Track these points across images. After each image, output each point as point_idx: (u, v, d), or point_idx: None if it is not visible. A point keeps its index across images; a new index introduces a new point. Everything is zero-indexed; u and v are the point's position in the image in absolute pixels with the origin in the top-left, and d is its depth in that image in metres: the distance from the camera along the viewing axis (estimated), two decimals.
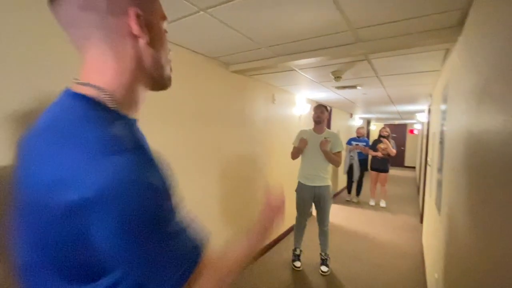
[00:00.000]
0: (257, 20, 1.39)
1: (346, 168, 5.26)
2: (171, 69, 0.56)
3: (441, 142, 2.08)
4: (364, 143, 5.09)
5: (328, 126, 4.82)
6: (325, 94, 3.76)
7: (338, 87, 3.18)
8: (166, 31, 0.53)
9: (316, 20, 1.38)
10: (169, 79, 0.56)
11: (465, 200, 1.17)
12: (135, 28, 0.45)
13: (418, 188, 6.05)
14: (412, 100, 4.15)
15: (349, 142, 5.15)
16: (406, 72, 2.39)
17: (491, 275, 0.73)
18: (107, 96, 0.44)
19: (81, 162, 0.36)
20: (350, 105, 5.00)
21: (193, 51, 1.93)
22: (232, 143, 2.45)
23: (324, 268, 2.64)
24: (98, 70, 0.45)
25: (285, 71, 2.44)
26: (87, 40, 0.44)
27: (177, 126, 1.87)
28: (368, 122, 9.43)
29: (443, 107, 2.06)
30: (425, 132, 4.69)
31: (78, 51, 0.46)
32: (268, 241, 1.61)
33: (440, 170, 2.03)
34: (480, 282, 0.82)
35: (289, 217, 3.65)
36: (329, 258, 2.72)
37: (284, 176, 3.50)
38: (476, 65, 1.05)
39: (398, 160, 11.18)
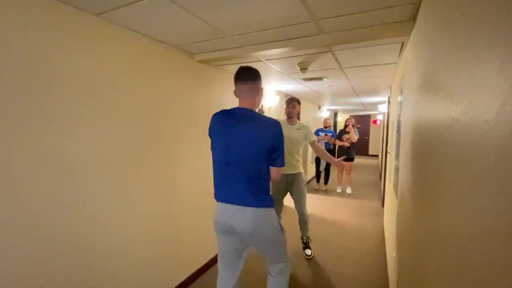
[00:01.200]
0: (218, 7, 1.35)
1: (314, 159, 5.51)
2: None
3: (398, 131, 2.23)
4: (331, 134, 5.30)
5: (298, 118, 4.93)
6: (293, 86, 3.81)
7: (305, 79, 3.24)
8: None
9: (278, 10, 1.37)
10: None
11: (413, 183, 1.27)
12: (262, 92, 1.50)
13: (380, 175, 6.49)
14: (374, 92, 4.38)
15: (316, 133, 5.33)
16: (367, 64, 2.51)
17: (431, 250, 0.80)
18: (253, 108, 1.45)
19: (270, 122, 1.40)
20: (317, 97, 5.14)
21: (154, 38, 1.83)
22: (198, 136, 2.39)
23: (308, 252, 2.78)
24: (248, 102, 1.44)
25: (252, 61, 2.42)
26: (248, 97, 1.44)
27: (139, 120, 1.78)
28: (335, 113, 9.82)
29: (399, 98, 2.20)
30: (385, 122, 5.01)
31: (243, 101, 1.44)
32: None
33: (397, 156, 2.18)
34: (423, 257, 0.91)
35: None
36: (311, 240, 2.87)
37: None
38: (424, 58, 1.12)
39: (362, 149, 11.88)
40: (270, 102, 3.88)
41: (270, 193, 1.42)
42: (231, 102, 2.92)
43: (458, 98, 0.63)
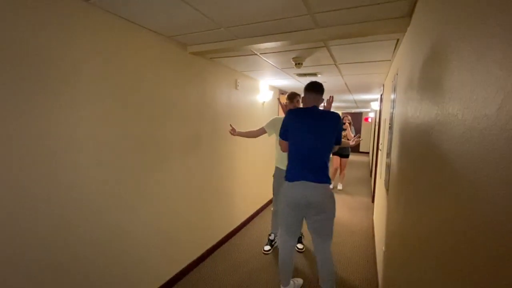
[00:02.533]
0: None
1: None
2: None
3: (390, 128, 2.24)
4: None
5: None
6: (288, 82, 3.80)
7: (300, 75, 3.23)
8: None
9: (275, 1, 1.35)
10: None
11: (403, 180, 1.28)
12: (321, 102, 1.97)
13: (370, 172, 6.58)
14: (367, 89, 4.41)
15: None
16: (361, 61, 2.51)
17: (418, 246, 0.81)
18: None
19: (332, 114, 1.86)
20: None
21: (146, 28, 1.78)
22: (193, 129, 2.36)
23: (299, 245, 2.84)
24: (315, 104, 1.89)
25: (247, 55, 2.39)
26: (316, 101, 1.88)
27: (132, 112, 1.73)
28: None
29: (392, 95, 2.21)
30: (377, 120, 5.05)
31: (309, 104, 1.87)
32: None
33: (388, 154, 2.20)
34: (411, 252, 0.92)
35: (256, 200, 3.71)
36: (303, 235, 2.92)
37: (251, 162, 3.51)
38: (420, 54, 1.12)
39: (354, 147, 11.99)
40: (264, 97, 3.85)
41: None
42: (226, 95, 2.89)
43: (456, 94, 0.63)
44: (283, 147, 1.94)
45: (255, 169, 3.71)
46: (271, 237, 2.87)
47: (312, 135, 1.76)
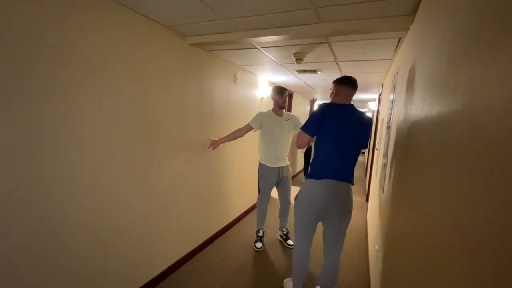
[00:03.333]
0: None
1: (304, 151, 5.55)
2: None
3: (388, 128, 2.24)
4: None
5: (289, 111, 4.91)
6: (287, 78, 3.78)
7: (299, 71, 3.21)
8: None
9: None
10: None
11: (399, 179, 1.28)
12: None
13: (365, 171, 6.62)
14: (366, 88, 4.40)
15: None
16: (362, 59, 2.50)
17: (416, 245, 0.81)
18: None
19: (368, 117, 1.81)
20: (310, 90, 5.13)
21: (144, 15, 1.73)
22: (188, 123, 2.33)
23: (290, 242, 2.83)
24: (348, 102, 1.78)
25: (247, 48, 2.36)
26: (351, 99, 1.78)
27: (127, 104, 1.70)
28: None
29: (391, 96, 2.21)
30: (374, 120, 5.06)
31: (347, 101, 1.76)
32: None
33: (385, 154, 2.20)
34: (408, 251, 0.92)
35: (247, 199, 3.71)
36: (289, 231, 2.92)
37: (245, 157, 3.50)
38: (424, 51, 1.11)
39: None
40: (263, 93, 3.83)
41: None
42: (225, 89, 2.86)
43: (459, 93, 0.62)
44: (303, 142, 1.75)
45: (248, 165, 3.70)
46: (260, 234, 2.84)
47: (351, 133, 1.68)
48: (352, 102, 1.84)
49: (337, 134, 1.68)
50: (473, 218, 0.48)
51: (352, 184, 1.74)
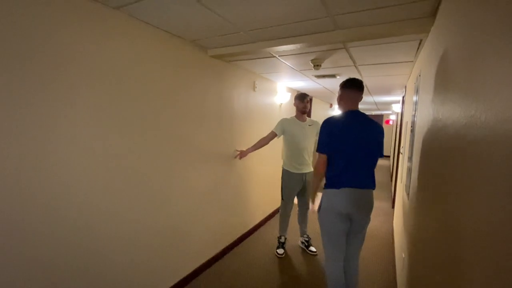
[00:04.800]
0: (235, 2, 1.35)
1: None
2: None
3: (412, 131, 2.18)
4: None
5: (309, 115, 4.89)
6: (305, 83, 3.78)
7: (318, 76, 3.20)
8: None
9: (295, 4, 1.36)
10: None
11: (427, 185, 1.24)
12: None
13: (391, 176, 6.37)
14: (388, 91, 4.29)
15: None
16: (382, 62, 2.46)
17: (445, 256, 0.79)
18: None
19: (377, 124, 1.75)
20: (329, 95, 5.08)
21: (169, 32, 1.85)
22: (211, 131, 2.41)
23: (313, 248, 2.80)
24: (357, 106, 1.76)
25: (265, 57, 2.42)
26: (358, 102, 1.76)
27: (152, 115, 1.80)
28: None
29: (414, 98, 2.15)
30: (398, 122, 4.90)
31: (353, 105, 1.75)
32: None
33: (410, 158, 2.13)
34: (436, 261, 0.89)
35: (269, 204, 3.72)
36: (311, 238, 2.90)
37: (266, 163, 3.53)
38: (443, 55, 1.09)
39: None
40: (282, 99, 3.86)
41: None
42: (243, 98, 2.93)
43: (480, 95, 0.61)
44: (323, 166, 1.72)
45: (271, 171, 3.72)
46: (282, 240, 2.83)
47: (369, 140, 1.68)
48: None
49: (352, 144, 1.65)
50: (505, 223, 0.48)
51: (374, 189, 1.72)
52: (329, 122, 1.73)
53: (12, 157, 1.13)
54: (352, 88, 1.72)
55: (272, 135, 2.70)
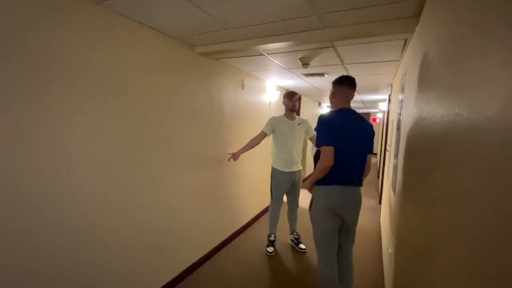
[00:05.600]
0: None
1: (313, 153, 5.53)
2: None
3: (398, 129, 2.23)
4: None
5: (298, 114, 4.92)
6: (294, 81, 3.79)
7: (306, 75, 3.22)
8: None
9: (282, 2, 1.35)
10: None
11: (410, 182, 1.27)
12: None
13: (378, 173, 6.51)
14: (375, 89, 4.37)
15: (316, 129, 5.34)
16: (369, 61, 2.49)
17: (429, 248, 0.81)
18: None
19: (369, 123, 1.80)
20: (318, 93, 5.12)
21: (154, 29, 1.80)
22: (199, 130, 2.38)
23: (302, 246, 2.82)
24: (349, 104, 1.79)
25: (254, 55, 2.40)
26: (350, 100, 1.79)
27: (139, 113, 1.76)
28: None
29: (400, 96, 2.19)
30: (385, 120, 5.00)
31: (346, 103, 1.77)
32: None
33: (396, 155, 2.18)
34: (421, 256, 0.91)
35: (258, 203, 3.72)
36: (300, 236, 2.91)
37: (255, 162, 3.52)
38: (427, 54, 1.11)
39: None
40: (271, 97, 3.86)
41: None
42: (232, 96, 2.90)
43: (462, 94, 0.62)
44: (330, 158, 1.62)
45: (260, 169, 3.72)
46: (272, 238, 2.83)
47: (362, 138, 1.72)
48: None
49: (347, 141, 1.66)
50: (483, 220, 0.49)
51: (361, 186, 1.78)
52: (328, 118, 1.72)
53: (30, 157, 1.11)
54: (345, 85, 1.73)
55: (263, 135, 2.69)
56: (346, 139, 1.66)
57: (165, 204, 2.03)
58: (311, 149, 6.29)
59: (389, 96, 4.18)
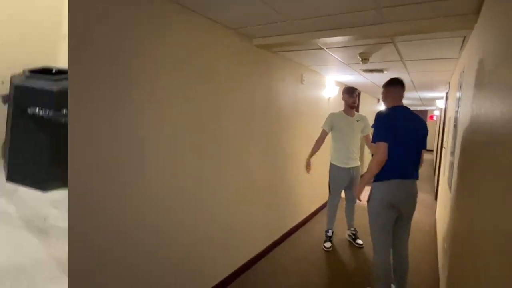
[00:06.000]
0: None
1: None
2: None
3: (455, 127, 2.20)
4: None
5: (357, 110, 4.88)
6: (353, 77, 3.76)
7: (366, 70, 3.21)
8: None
9: None
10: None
11: (469, 179, 1.26)
12: None
13: (434, 169, 6.20)
14: (432, 87, 4.19)
15: (373, 125, 5.23)
16: (427, 58, 2.47)
17: (486, 247, 0.77)
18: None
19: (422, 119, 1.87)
20: (377, 90, 5.06)
21: (210, 19, 1.73)
22: (258, 126, 2.35)
23: (360, 241, 2.82)
24: (401, 102, 1.87)
25: (313, 49, 2.41)
26: (401, 99, 1.87)
27: (200, 106, 1.74)
28: None
29: (458, 94, 2.15)
30: (442, 118, 4.78)
31: (399, 101, 1.86)
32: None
33: (452, 153, 2.16)
34: (477, 254, 0.88)
35: (316, 199, 3.73)
36: (357, 231, 2.92)
37: (314, 157, 3.22)
38: (485, 53, 1.12)
39: None
40: (330, 93, 3.83)
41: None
42: (291, 90, 2.94)
43: None
44: (384, 154, 1.68)
45: (318, 165, 3.40)
46: (329, 233, 2.82)
47: (415, 135, 1.79)
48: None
49: (404, 137, 1.73)
50: None
51: (418, 179, 1.84)
52: (385, 114, 1.84)
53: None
54: (396, 86, 1.86)
55: (325, 133, 2.70)
56: (403, 135, 1.72)
57: (219, 198, 1.99)
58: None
59: (447, 93, 4.02)
